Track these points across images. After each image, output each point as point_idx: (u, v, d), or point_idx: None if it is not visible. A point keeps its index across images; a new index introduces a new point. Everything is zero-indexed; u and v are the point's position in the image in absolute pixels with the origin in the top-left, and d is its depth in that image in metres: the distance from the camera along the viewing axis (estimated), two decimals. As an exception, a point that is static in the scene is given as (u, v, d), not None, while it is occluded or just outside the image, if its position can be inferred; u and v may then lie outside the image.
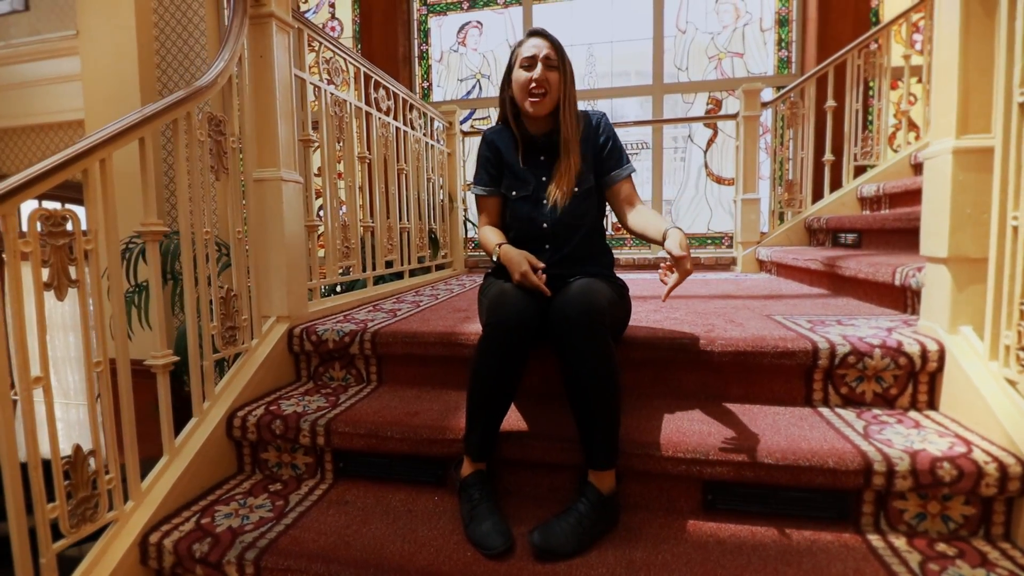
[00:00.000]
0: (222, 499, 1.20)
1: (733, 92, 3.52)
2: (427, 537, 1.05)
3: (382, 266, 2.26)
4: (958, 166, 1.15)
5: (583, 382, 1.02)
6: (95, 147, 0.99)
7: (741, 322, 1.51)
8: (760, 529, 1.06)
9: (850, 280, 1.93)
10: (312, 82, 1.73)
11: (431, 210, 2.95)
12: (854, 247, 2.54)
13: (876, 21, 3.21)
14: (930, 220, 1.25)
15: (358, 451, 1.26)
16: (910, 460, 1.00)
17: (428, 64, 3.85)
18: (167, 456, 1.17)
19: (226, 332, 1.35)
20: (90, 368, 0.99)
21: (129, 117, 1.06)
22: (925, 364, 1.22)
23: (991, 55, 1.11)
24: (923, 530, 1.03)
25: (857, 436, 1.11)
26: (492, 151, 1.39)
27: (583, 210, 1.33)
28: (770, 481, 1.07)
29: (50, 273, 0.92)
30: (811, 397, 1.31)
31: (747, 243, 3.12)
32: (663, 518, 1.10)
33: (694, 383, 1.36)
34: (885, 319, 1.50)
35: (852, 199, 2.96)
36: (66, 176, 0.95)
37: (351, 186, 2.00)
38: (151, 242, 1.13)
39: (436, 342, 1.45)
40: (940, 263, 1.22)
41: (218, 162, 1.31)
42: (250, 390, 1.39)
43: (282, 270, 1.53)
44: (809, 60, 3.29)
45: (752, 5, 3.41)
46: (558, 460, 1.15)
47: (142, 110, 1.09)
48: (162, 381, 1.16)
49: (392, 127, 2.35)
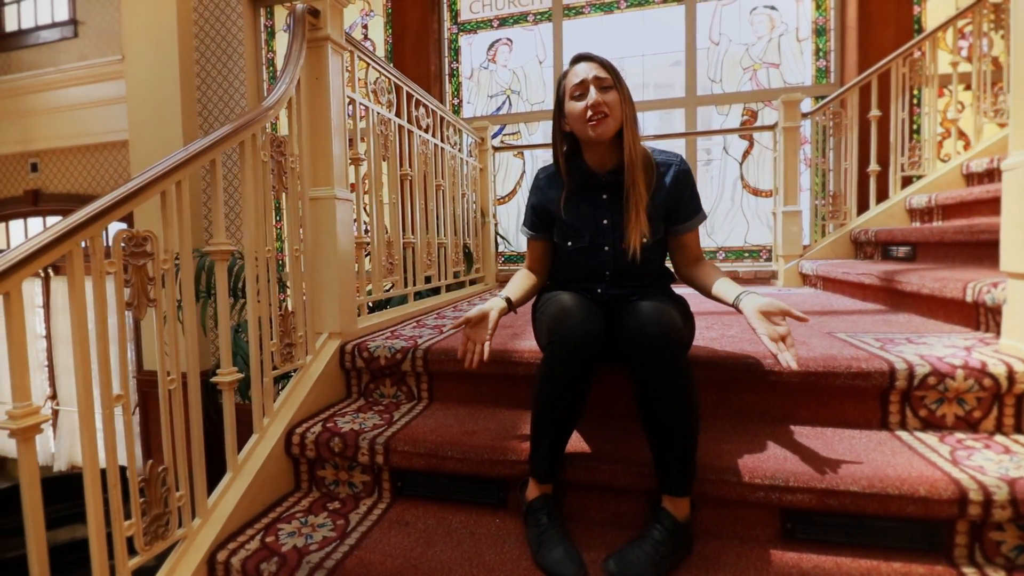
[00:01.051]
0: (283, 517, 1.19)
1: (769, 103, 3.48)
2: (495, 562, 1.02)
3: (422, 281, 2.26)
4: (1046, 177, 1.10)
5: (660, 404, 0.99)
6: (173, 170, 1.01)
7: (804, 340, 1.46)
8: (845, 560, 1.00)
9: (911, 295, 1.85)
10: (361, 102, 1.75)
11: (465, 225, 2.96)
12: (907, 260, 2.46)
13: (919, 28, 3.14)
14: (1011, 234, 1.19)
15: (416, 470, 1.25)
16: (1008, 489, 0.94)
17: (459, 81, 3.89)
18: (231, 473, 1.17)
19: (284, 349, 1.35)
20: (164, 384, 1.00)
21: (202, 140, 1.08)
22: (1012, 386, 1.15)
23: (1081, 62, 1.06)
24: (1022, 564, 0.97)
25: (945, 462, 1.05)
26: (539, 199, 1.30)
27: (647, 259, 1.22)
28: (855, 510, 1.01)
29: (131, 293, 0.94)
30: (887, 420, 1.25)
31: (789, 256, 3.05)
32: (739, 547, 1.06)
33: (759, 404, 1.32)
34: (958, 337, 1.44)
35: (900, 210, 2.87)
36: (147, 198, 0.97)
37: (394, 203, 2.02)
38: (220, 261, 1.15)
39: (489, 360, 1.42)
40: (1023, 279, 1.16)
41: (279, 182, 1.33)
42: (306, 407, 1.39)
43: (334, 287, 1.54)
44: (849, 69, 3.23)
45: (788, 15, 3.37)
46: (626, 484, 1.12)
47: (216, 132, 1.11)
48: (228, 398, 1.16)
49: (431, 144, 2.37)
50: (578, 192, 1.25)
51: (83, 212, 0.88)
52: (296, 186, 1.40)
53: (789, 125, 2.96)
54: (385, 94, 1.92)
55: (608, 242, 1.24)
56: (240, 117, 1.18)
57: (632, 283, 1.26)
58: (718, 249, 3.64)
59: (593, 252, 1.24)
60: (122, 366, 0.92)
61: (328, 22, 1.49)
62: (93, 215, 0.88)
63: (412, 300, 2.17)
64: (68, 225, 0.86)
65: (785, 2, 3.37)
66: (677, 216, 1.25)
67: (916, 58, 2.82)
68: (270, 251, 1.29)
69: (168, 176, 1.01)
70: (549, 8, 3.72)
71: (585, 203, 1.25)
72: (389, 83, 1.95)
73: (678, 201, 1.23)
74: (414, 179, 2.15)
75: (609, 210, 1.24)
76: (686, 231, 1.26)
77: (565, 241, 1.26)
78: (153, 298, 0.97)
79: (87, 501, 0.88)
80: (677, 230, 1.26)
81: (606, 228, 1.24)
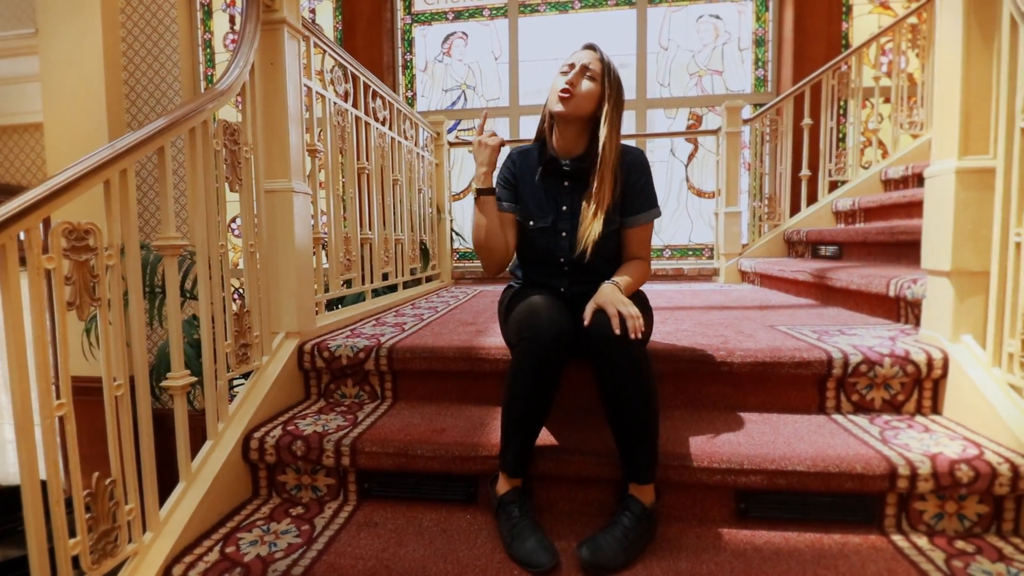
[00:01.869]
0: (243, 526, 1.14)
1: (713, 108, 3.65)
2: (469, 557, 1.03)
3: (379, 278, 2.22)
4: (960, 185, 1.23)
5: (625, 396, 1.03)
6: (117, 157, 0.94)
7: (750, 333, 1.56)
8: (793, 535, 1.09)
9: (841, 291, 2.01)
10: (318, 91, 1.69)
11: (421, 221, 2.93)
12: (834, 259, 2.66)
13: (846, 44, 3.40)
14: (932, 235, 1.32)
15: (385, 471, 1.23)
16: (931, 463, 1.06)
17: (412, 73, 3.83)
18: (184, 482, 1.11)
19: (239, 350, 1.29)
20: (110, 390, 0.93)
21: (151, 125, 1.01)
22: (930, 372, 1.28)
23: (989, 82, 1.19)
24: (941, 529, 1.09)
25: (877, 442, 1.16)
26: (511, 173, 1.34)
27: (606, 249, 1.27)
28: (801, 488, 1.10)
29: (73, 291, 0.87)
30: (824, 405, 1.36)
31: (729, 255, 3.22)
32: (699, 528, 1.12)
33: (714, 394, 1.39)
34: (883, 328, 1.58)
35: (828, 213, 3.10)
36: (89, 187, 0.90)
37: (352, 197, 1.96)
38: (170, 256, 1.08)
39: (456, 357, 1.43)
40: (943, 276, 1.29)
41: (233, 173, 1.27)
42: (263, 410, 1.33)
43: (292, 284, 1.48)
44: (784, 79, 3.45)
45: (731, 25, 3.55)
46: (593, 474, 1.16)
47: (167, 117, 1.04)
48: (179, 404, 1.10)
49: (387, 137, 2.33)
50: (542, 175, 1.30)
51: (19, 201, 0.80)
52: (251, 178, 1.33)
53: (731, 130, 3.13)
54: (342, 83, 1.87)
55: (566, 228, 1.28)
56: (189, 101, 1.11)
57: (592, 279, 1.30)
58: (664, 247, 3.78)
59: (553, 235, 1.29)
60: (64, 371, 0.85)
61: (284, 4, 1.43)
62: (30, 204, 0.81)
63: (369, 298, 2.12)
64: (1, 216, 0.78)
65: (729, 12, 3.54)
66: (631, 205, 1.27)
67: (844, 71, 3.05)
68: (223, 246, 1.23)
69: (113, 163, 0.93)
70: (505, 3, 3.72)
71: (548, 186, 1.29)
72: (346, 72, 1.90)
73: (636, 184, 1.27)
74: (371, 173, 2.10)
75: (569, 197, 1.28)
76: (631, 224, 1.28)
77: (527, 220, 1.30)
78: (98, 297, 0.90)
79: (26, 518, 0.81)
80: (628, 222, 1.28)
81: (565, 214, 1.28)
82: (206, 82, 3.87)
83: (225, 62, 3.88)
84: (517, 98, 3.74)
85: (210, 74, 3.85)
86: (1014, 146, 1.09)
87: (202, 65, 3.86)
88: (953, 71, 1.23)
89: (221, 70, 3.83)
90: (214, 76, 3.87)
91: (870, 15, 3.44)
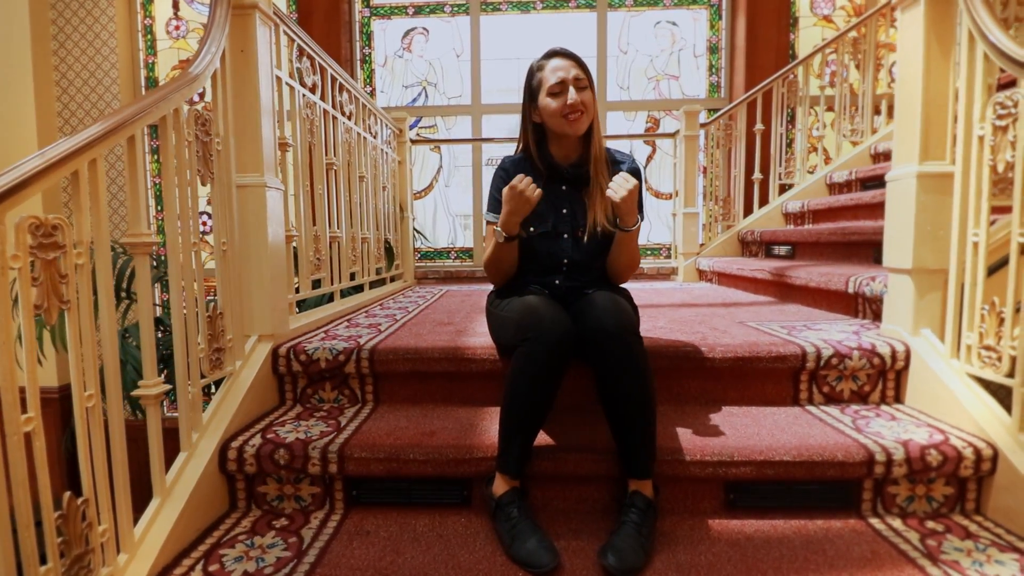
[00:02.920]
0: (224, 541, 1.07)
1: (670, 112, 3.77)
2: (470, 561, 1.00)
3: (347, 278, 2.15)
4: (921, 188, 1.32)
5: (625, 394, 1.04)
6: (86, 145, 0.85)
7: (724, 329, 1.61)
8: (779, 523, 1.13)
9: (800, 288, 2.12)
10: (288, 82, 1.61)
11: (386, 220, 2.85)
12: (788, 258, 2.81)
13: (793, 55, 3.59)
14: (894, 235, 1.42)
15: (375, 477, 1.18)
16: (904, 450, 1.13)
17: (371, 68, 3.73)
18: (159, 498, 1.03)
19: (213, 354, 1.21)
20: (81, 402, 0.85)
21: (123, 112, 0.93)
22: (894, 363, 1.37)
23: (946, 93, 1.29)
24: (912, 511, 1.16)
25: (852, 431, 1.23)
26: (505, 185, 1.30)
27: (602, 248, 1.30)
28: (787, 477, 1.15)
29: (40, 293, 0.78)
30: (798, 397, 1.43)
31: (688, 254, 3.33)
32: (691, 520, 1.14)
33: (696, 389, 1.43)
34: (843, 323, 1.68)
35: (778, 214, 3.27)
36: (56, 179, 0.81)
37: (320, 194, 1.89)
38: (141, 255, 0.99)
39: (441, 358, 1.40)
40: (904, 273, 1.38)
41: (204, 166, 1.18)
42: (239, 418, 1.25)
43: (266, 285, 1.40)
44: (737, 86, 3.61)
45: (687, 32, 3.68)
46: (589, 472, 1.16)
47: (137, 103, 0.96)
48: (153, 414, 1.01)
49: (354, 132, 2.25)
50: (541, 181, 1.28)
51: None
52: (224, 172, 1.25)
53: (689, 134, 3.23)
54: (310, 75, 1.79)
55: (567, 230, 1.30)
56: (162, 87, 1.03)
57: (587, 277, 1.31)
58: (626, 246, 3.87)
59: (554, 239, 1.29)
60: (31, 382, 0.76)
61: (255, -10, 1.35)
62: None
63: (338, 298, 2.04)
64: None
65: (684, 19, 3.67)
66: None
67: (792, 80, 3.22)
68: (196, 244, 1.15)
69: (82, 152, 0.85)
70: (467, 1, 3.69)
71: (547, 192, 1.28)
72: (313, 63, 1.82)
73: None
74: (339, 169, 2.02)
75: (569, 200, 1.30)
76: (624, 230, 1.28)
77: (527, 227, 1.28)
78: (67, 299, 0.82)
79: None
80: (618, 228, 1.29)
81: (566, 217, 1.29)
82: (147, 71, 3.61)
83: (167, 49, 3.64)
84: (479, 96, 3.72)
85: (151, 62, 3.59)
86: (972, 153, 1.18)
87: (142, 52, 3.60)
88: (914, 82, 1.32)
89: (164, 59, 3.60)
90: (155, 65, 3.62)
91: (814, 27, 3.66)
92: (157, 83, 3.57)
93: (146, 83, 3.57)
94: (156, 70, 3.57)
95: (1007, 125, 1.11)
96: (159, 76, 3.58)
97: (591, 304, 1.14)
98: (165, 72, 3.59)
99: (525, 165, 1.32)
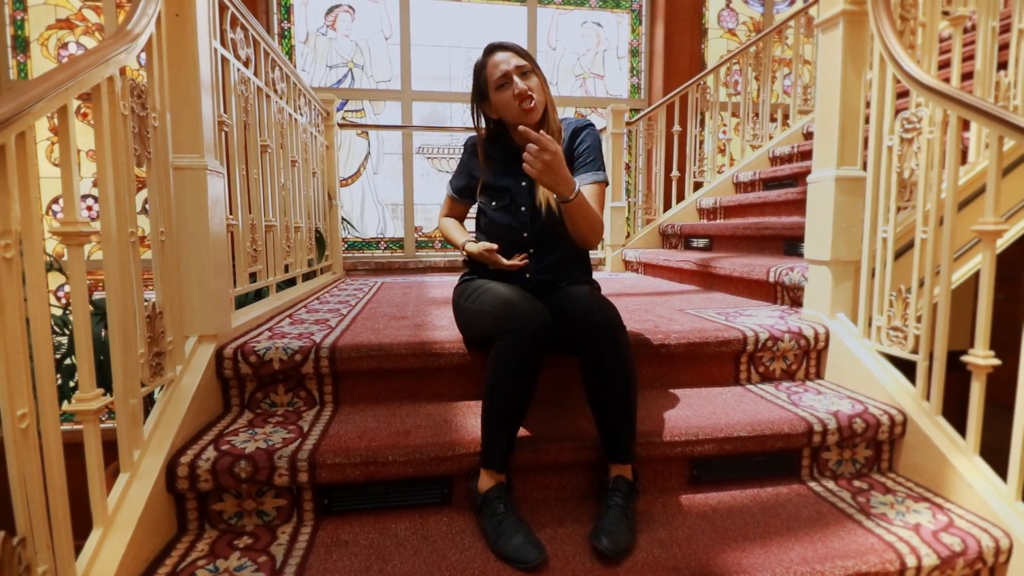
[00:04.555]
0: (180, 570, 0.95)
1: (595, 109, 3.91)
2: (462, 561, 0.99)
3: (281, 270, 1.99)
4: (838, 190, 1.49)
5: (613, 384, 1.08)
6: (15, 115, 0.71)
7: (670, 317, 1.72)
8: (737, 493, 1.24)
9: (723, 278, 2.32)
10: (223, 53, 1.45)
11: (315, 208, 2.68)
12: (706, 250, 3.05)
13: (703, 63, 3.88)
14: (814, 230, 1.59)
15: (349, 483, 1.12)
16: (836, 420, 1.28)
17: (291, 44, 3.46)
18: (100, 528, 0.89)
19: (153, 359, 1.07)
20: (13, 423, 0.71)
21: (56, 75, 0.78)
22: (816, 344, 1.55)
23: (859, 107, 1.47)
24: (841, 472, 1.33)
25: (790, 405, 1.37)
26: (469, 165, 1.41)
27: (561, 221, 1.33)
28: (743, 451, 1.26)
29: (-35, 293, 0.64)
30: (739, 377, 1.57)
31: (615, 246, 3.50)
32: (662, 497, 1.22)
33: (652, 374, 1.52)
34: (768, 309, 1.86)
35: (693, 209, 3.53)
36: (-21, 154, 0.67)
37: (256, 179, 1.73)
38: (75, 247, 0.85)
39: (408, 354, 1.36)
40: (823, 264, 1.57)
41: (141, 144, 1.03)
42: (184, 431, 1.12)
43: (207, 279, 1.26)
44: (656, 88, 3.83)
45: (611, 33, 3.82)
46: (569, 460, 1.19)
47: (68, 67, 0.81)
48: (92, 431, 0.88)
49: (285, 113, 2.09)
50: (502, 163, 1.36)
51: None
52: (161, 152, 1.10)
53: (616, 131, 3.38)
54: (244, 48, 1.62)
55: (526, 202, 1.34)
56: (99, 47, 0.88)
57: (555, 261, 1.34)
58: (553, 239, 3.97)
59: (514, 211, 1.34)
60: None
61: (190, -52, 1.20)
62: None
63: (274, 292, 1.89)
64: None
65: (609, 21, 3.81)
66: (574, 168, 1.34)
67: (704, 86, 3.48)
68: (133, 233, 1.00)
69: (8, 124, 0.71)
70: (393, -18, 3.54)
71: (508, 169, 1.35)
72: (247, 35, 1.65)
73: (580, 149, 1.35)
74: (272, 152, 1.87)
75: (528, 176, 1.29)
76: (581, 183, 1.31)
77: (489, 202, 1.36)
78: (-4, 300, 0.68)
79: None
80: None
81: (524, 189, 1.34)
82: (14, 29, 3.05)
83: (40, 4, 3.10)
84: (409, 82, 3.60)
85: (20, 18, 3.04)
86: (882, 160, 1.36)
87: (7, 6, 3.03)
88: (832, 96, 1.49)
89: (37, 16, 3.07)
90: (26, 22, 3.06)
91: (720, 39, 3.98)
92: (27, 43, 3.03)
93: (13, 43, 3.01)
94: (27, 28, 3.03)
95: (912, 138, 1.30)
96: (29, 35, 3.04)
97: (573, 298, 1.17)
98: (38, 32, 3.06)
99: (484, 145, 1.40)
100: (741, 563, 0.98)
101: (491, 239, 1.37)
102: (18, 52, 3.05)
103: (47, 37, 3.08)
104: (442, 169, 3.78)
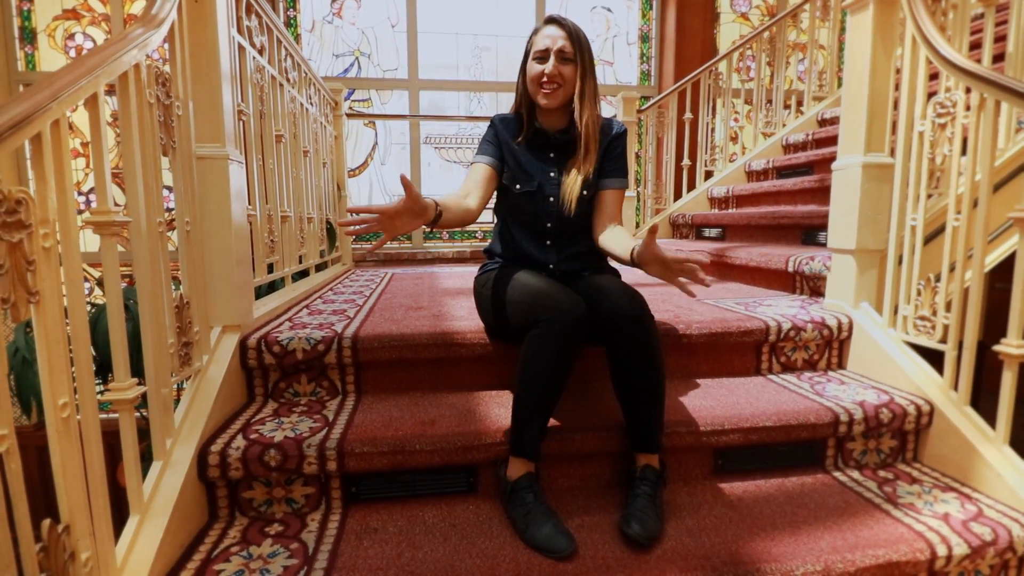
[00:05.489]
0: (215, 556, 0.96)
1: (605, 97, 3.86)
2: (492, 547, 0.99)
3: (295, 261, 1.99)
4: (865, 177, 1.47)
5: (642, 375, 1.07)
6: (50, 101, 0.70)
7: (689, 307, 1.71)
8: (761, 482, 1.24)
9: (739, 267, 2.30)
10: (240, 42, 1.44)
11: (325, 198, 2.67)
12: (719, 240, 3.02)
13: (716, 49, 3.82)
14: (838, 219, 1.57)
15: (376, 471, 1.12)
16: (862, 410, 1.28)
17: (297, 32, 3.43)
18: (137, 515, 0.90)
19: (182, 350, 1.07)
20: (55, 413, 0.71)
21: (87, 61, 0.77)
22: (839, 333, 1.54)
23: (887, 92, 1.44)
24: (866, 463, 1.32)
25: (814, 395, 1.36)
26: (495, 136, 1.36)
27: (586, 213, 1.34)
28: (768, 440, 1.25)
29: (6, 284, 0.64)
30: (760, 367, 1.56)
31: (626, 235, 3.47)
32: (687, 487, 1.22)
33: (673, 364, 1.51)
34: (787, 299, 1.84)
35: (704, 199, 3.50)
36: (16, 143, 0.66)
37: (272, 169, 1.72)
38: (108, 236, 0.85)
39: (430, 344, 1.35)
40: (847, 254, 1.55)
41: (166, 132, 1.02)
42: (213, 420, 1.13)
43: (230, 269, 1.26)
44: (666, 75, 3.78)
45: (621, 19, 3.77)
46: (595, 449, 1.19)
47: (97, 54, 0.80)
48: (128, 420, 0.88)
49: (298, 102, 2.07)
50: (530, 144, 1.34)
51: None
52: (185, 141, 1.09)
53: (627, 119, 3.34)
54: (258, 36, 1.60)
55: (554, 193, 1.32)
56: (125, 32, 0.87)
57: (576, 252, 1.33)
58: (563, 228, 3.94)
59: (540, 200, 1.32)
60: (2, 393, 0.63)
61: (208, -67, 1.18)
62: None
63: (290, 283, 1.89)
64: None
65: (619, 6, 3.75)
66: (603, 170, 1.35)
67: (717, 73, 3.43)
68: (162, 224, 1.00)
69: (45, 112, 0.70)
70: (400, -32, 3.50)
71: (536, 155, 1.33)
72: (261, 23, 1.63)
73: (610, 156, 1.35)
74: (287, 142, 1.85)
75: (556, 165, 1.33)
76: (608, 187, 1.34)
77: (514, 184, 1.32)
78: (35, 290, 0.68)
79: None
80: (603, 184, 1.35)
81: (552, 180, 1.32)
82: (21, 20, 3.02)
83: None
84: (416, 71, 3.56)
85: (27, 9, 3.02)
86: (912, 146, 1.34)
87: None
88: (861, 81, 1.46)
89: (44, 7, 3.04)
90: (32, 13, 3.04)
91: (733, 23, 3.92)
92: (35, 34, 3.01)
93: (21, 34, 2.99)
94: (33, 19, 3.01)
95: (946, 123, 1.27)
96: (36, 26, 3.02)
97: (602, 289, 1.16)
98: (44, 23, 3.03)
99: (514, 125, 1.36)
100: (771, 552, 0.98)
101: (514, 223, 1.36)
102: (25, 43, 3.03)
103: (54, 28, 3.06)
104: (449, 159, 3.75)
